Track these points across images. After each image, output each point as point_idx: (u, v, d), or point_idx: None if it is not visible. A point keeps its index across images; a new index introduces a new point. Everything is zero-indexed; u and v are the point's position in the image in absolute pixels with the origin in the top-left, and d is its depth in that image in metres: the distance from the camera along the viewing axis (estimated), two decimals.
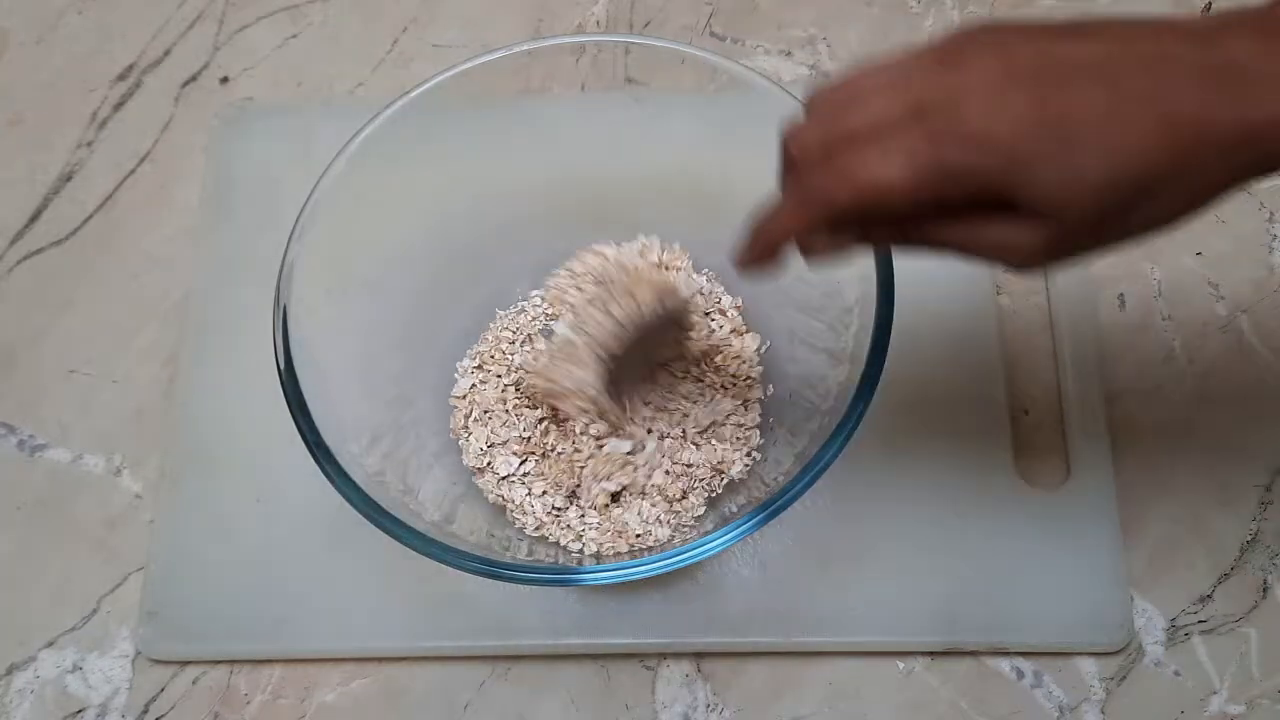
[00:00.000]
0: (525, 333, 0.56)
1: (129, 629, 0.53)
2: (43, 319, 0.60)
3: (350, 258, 0.49)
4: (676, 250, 0.56)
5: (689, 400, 0.52)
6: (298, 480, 0.48)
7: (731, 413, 0.52)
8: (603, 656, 0.51)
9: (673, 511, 0.50)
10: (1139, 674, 0.50)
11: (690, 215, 0.53)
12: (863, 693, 0.50)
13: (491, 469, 0.52)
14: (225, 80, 0.66)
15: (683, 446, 0.51)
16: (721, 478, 0.51)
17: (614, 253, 0.47)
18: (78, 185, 0.63)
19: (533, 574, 0.42)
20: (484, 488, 0.52)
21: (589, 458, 0.51)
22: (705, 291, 0.56)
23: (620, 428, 0.50)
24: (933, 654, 0.51)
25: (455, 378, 0.55)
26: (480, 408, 0.53)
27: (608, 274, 0.46)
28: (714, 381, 0.53)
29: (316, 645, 0.52)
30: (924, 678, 0.51)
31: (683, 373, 0.53)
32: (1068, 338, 0.56)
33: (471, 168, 0.52)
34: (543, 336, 0.56)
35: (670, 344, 0.51)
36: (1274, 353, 0.56)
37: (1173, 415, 0.55)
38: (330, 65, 0.66)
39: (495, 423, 0.53)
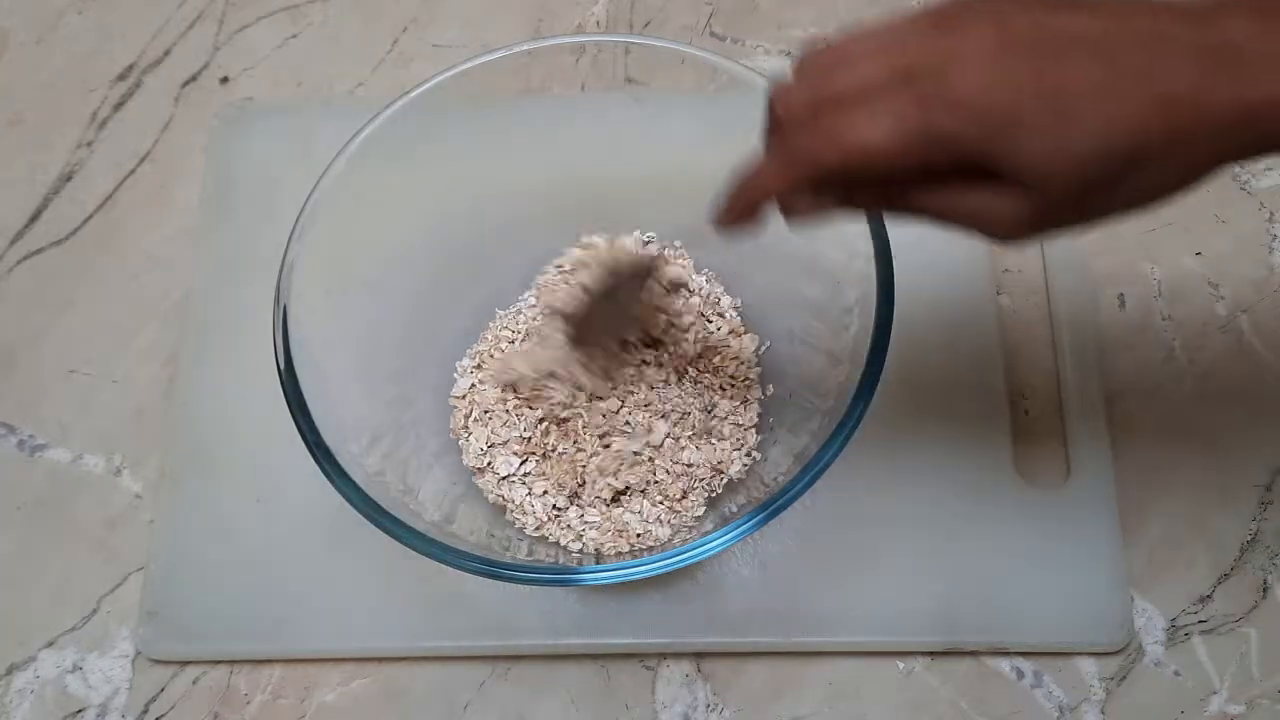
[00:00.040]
0: (524, 332, 0.56)
1: (129, 629, 0.53)
2: (43, 319, 0.60)
3: (350, 258, 0.49)
4: (677, 250, 0.56)
5: (676, 387, 0.52)
6: (298, 480, 0.48)
7: (731, 413, 0.52)
8: (603, 656, 0.51)
9: (673, 511, 0.50)
10: (1139, 674, 0.50)
11: (690, 215, 0.53)
12: (863, 693, 0.50)
13: (492, 469, 0.52)
14: (225, 80, 0.66)
15: (683, 446, 0.51)
16: (721, 478, 0.51)
17: (601, 241, 0.48)
18: (78, 185, 0.63)
19: (533, 574, 0.42)
20: (484, 488, 0.52)
21: (592, 455, 0.51)
22: (705, 292, 0.56)
23: (601, 395, 0.51)
24: (933, 654, 0.51)
25: (455, 378, 0.55)
26: (480, 408, 0.53)
27: (580, 259, 0.47)
28: (713, 382, 0.53)
29: (316, 645, 0.52)
30: (924, 678, 0.51)
31: (670, 341, 0.53)
32: (1068, 337, 0.56)
33: (471, 168, 0.52)
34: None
35: (639, 300, 0.51)
36: (1274, 353, 0.56)
37: (1173, 415, 0.55)
38: (330, 65, 0.66)
39: (495, 423, 0.53)
